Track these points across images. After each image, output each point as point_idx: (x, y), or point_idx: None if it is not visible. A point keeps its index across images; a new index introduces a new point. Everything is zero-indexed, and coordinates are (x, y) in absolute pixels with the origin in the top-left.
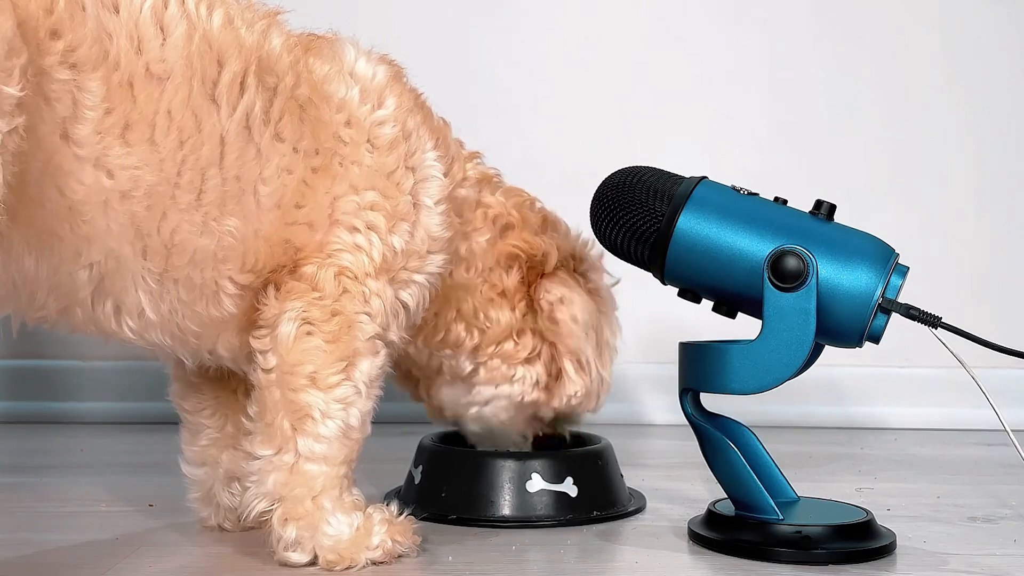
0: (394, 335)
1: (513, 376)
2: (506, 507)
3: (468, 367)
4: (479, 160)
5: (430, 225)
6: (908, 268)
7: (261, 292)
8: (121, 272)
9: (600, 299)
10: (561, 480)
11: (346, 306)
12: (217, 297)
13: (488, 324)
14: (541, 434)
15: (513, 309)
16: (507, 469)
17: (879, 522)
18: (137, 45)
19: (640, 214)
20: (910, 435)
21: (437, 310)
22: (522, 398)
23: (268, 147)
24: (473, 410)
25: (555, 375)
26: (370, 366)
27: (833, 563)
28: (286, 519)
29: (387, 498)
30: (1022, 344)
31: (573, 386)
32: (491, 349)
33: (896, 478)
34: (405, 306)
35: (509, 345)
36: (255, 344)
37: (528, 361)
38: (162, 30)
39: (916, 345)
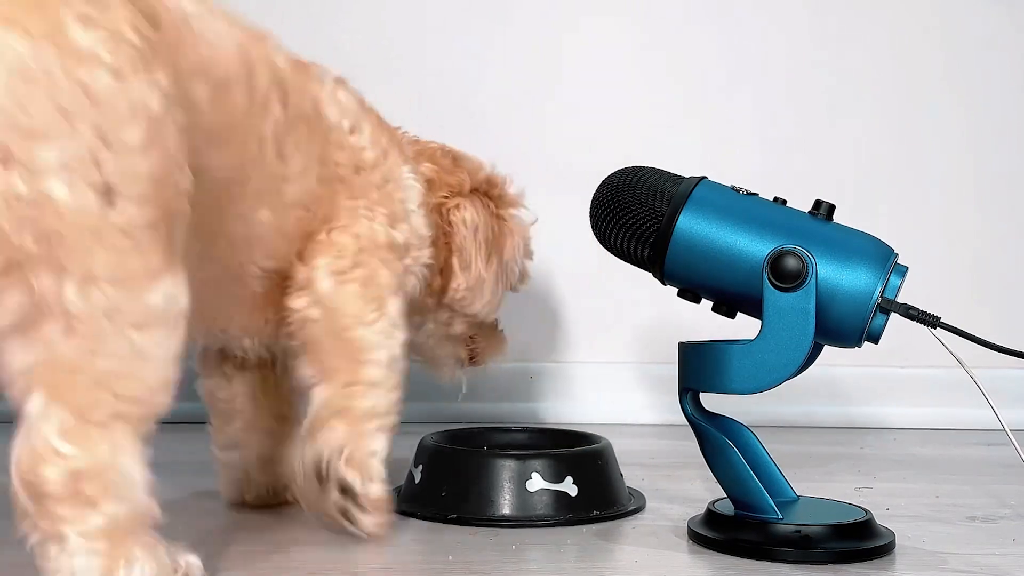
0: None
1: None
2: (506, 507)
3: None
4: (403, 132)
5: (418, 226)
6: (907, 268)
7: (280, 287)
8: None
9: (504, 223)
10: (561, 480)
11: (366, 260)
12: (243, 280)
13: None
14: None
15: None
16: (507, 469)
17: (878, 522)
18: (213, 57)
19: (640, 214)
20: (910, 435)
21: None
22: (417, 290)
23: (290, 152)
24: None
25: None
26: (398, 304)
27: (832, 563)
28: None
29: None
30: (1022, 344)
31: (456, 280)
32: None
33: (896, 478)
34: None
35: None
36: (295, 304)
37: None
38: (216, 44)
39: (916, 345)
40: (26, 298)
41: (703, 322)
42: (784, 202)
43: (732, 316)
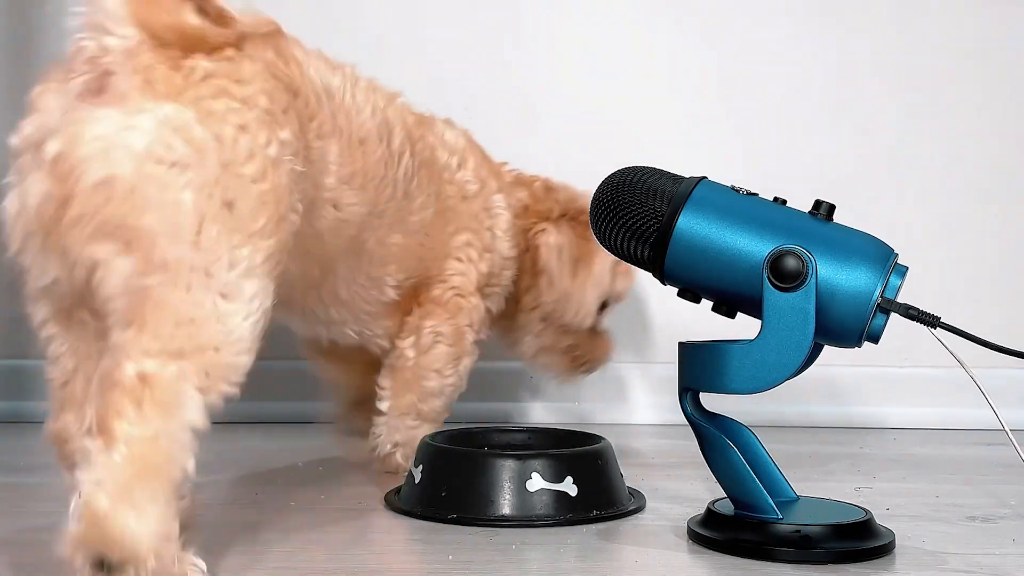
0: (483, 335)
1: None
2: (506, 506)
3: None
4: (506, 167)
5: (503, 249)
6: (907, 268)
7: (409, 297)
8: (333, 268)
9: (591, 243)
10: (561, 480)
11: (460, 320)
12: (381, 288)
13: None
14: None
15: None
16: (507, 468)
17: (878, 521)
18: (350, 120)
19: (640, 214)
20: (910, 435)
21: None
22: (502, 305)
23: (415, 191)
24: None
25: None
26: (470, 362)
27: (832, 563)
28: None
29: (387, 498)
30: (1022, 344)
31: (544, 295)
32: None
33: (895, 478)
34: (489, 311)
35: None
36: (401, 344)
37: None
38: (357, 111)
39: (915, 345)
40: (139, 263)
41: (703, 322)
42: (784, 202)
43: (732, 316)
